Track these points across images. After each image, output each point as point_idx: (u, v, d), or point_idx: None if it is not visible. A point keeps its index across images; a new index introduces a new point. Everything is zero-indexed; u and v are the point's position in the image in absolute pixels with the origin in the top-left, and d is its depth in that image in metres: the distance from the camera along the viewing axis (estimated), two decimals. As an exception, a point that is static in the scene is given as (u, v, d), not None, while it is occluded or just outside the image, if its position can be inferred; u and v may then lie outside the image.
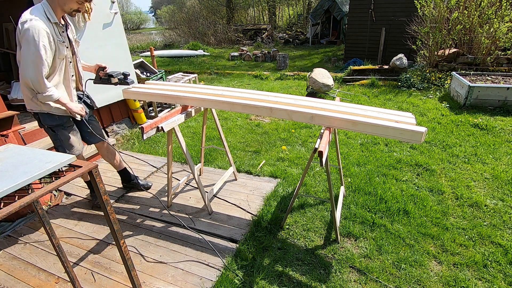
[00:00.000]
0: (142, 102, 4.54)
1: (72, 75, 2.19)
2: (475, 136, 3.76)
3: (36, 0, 3.12)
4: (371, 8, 8.50)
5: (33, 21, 1.78)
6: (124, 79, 2.31)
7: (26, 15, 1.83)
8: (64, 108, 2.12)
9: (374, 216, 2.42)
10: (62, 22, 2.05)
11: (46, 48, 1.83)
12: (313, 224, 2.38)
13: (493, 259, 2.01)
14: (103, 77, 2.33)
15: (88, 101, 2.43)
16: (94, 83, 2.37)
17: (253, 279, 1.90)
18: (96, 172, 1.33)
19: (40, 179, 1.24)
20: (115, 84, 2.32)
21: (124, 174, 2.83)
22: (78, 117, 2.15)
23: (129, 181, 2.85)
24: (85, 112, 2.11)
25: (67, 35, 2.08)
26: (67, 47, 2.05)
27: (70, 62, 2.15)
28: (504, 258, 2.01)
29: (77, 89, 2.33)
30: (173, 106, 5.11)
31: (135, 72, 4.29)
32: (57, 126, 2.18)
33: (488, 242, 2.16)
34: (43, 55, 1.82)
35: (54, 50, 1.92)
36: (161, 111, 5.01)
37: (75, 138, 2.29)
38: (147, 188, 2.88)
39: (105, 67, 2.36)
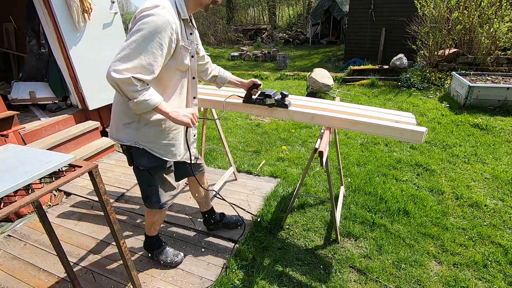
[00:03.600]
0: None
1: (194, 97, 1.66)
2: (475, 136, 3.76)
3: (37, 0, 3.12)
4: (371, 8, 8.50)
5: (160, 9, 1.28)
6: (282, 100, 1.89)
7: (154, 0, 1.32)
8: (170, 144, 1.58)
9: (374, 216, 2.42)
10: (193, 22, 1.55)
11: (162, 48, 1.31)
12: (313, 224, 2.38)
13: (493, 259, 2.01)
14: (257, 96, 1.97)
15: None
16: (244, 102, 2.00)
17: (253, 279, 1.90)
18: (96, 172, 1.32)
19: (40, 179, 1.24)
20: (270, 105, 1.92)
21: (209, 215, 2.26)
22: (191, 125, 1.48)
23: (214, 223, 2.27)
24: (196, 118, 1.50)
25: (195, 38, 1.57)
26: (192, 56, 1.52)
27: (194, 78, 1.60)
28: (504, 258, 2.01)
29: None
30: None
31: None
32: (156, 168, 1.61)
33: (488, 242, 2.16)
34: (154, 53, 1.28)
35: (170, 56, 1.40)
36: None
37: (172, 180, 1.74)
38: (239, 224, 2.33)
39: (259, 85, 1.95)
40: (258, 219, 2.40)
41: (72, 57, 3.35)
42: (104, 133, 3.92)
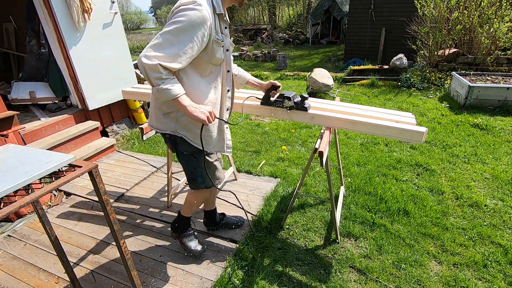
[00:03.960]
0: (142, 102, 4.54)
1: (228, 90, 1.67)
2: (475, 136, 3.76)
3: (37, 0, 3.13)
4: (371, 8, 8.51)
5: (197, 5, 1.34)
6: (301, 103, 1.85)
7: None
8: (210, 134, 1.65)
9: (374, 216, 2.42)
10: (227, 16, 1.58)
11: (193, 41, 1.36)
12: (313, 224, 2.38)
13: (493, 259, 2.01)
14: (276, 98, 1.92)
15: None
16: (262, 104, 1.97)
17: (253, 279, 1.90)
18: (96, 172, 1.32)
19: (40, 179, 1.24)
20: (289, 108, 1.87)
21: (212, 215, 2.27)
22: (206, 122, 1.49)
23: (215, 223, 2.29)
24: (213, 117, 1.51)
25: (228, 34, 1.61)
26: (227, 50, 1.57)
27: (228, 71, 1.63)
28: (504, 258, 2.01)
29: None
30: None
31: (135, 72, 4.29)
32: (199, 152, 1.67)
33: (488, 242, 2.16)
34: (185, 45, 1.34)
35: (203, 49, 1.45)
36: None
37: (219, 165, 1.81)
38: (239, 225, 2.34)
39: (278, 86, 1.92)
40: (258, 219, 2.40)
41: (72, 57, 3.35)
42: (104, 133, 3.93)
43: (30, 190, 1.22)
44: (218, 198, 2.71)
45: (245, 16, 20.16)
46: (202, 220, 2.45)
